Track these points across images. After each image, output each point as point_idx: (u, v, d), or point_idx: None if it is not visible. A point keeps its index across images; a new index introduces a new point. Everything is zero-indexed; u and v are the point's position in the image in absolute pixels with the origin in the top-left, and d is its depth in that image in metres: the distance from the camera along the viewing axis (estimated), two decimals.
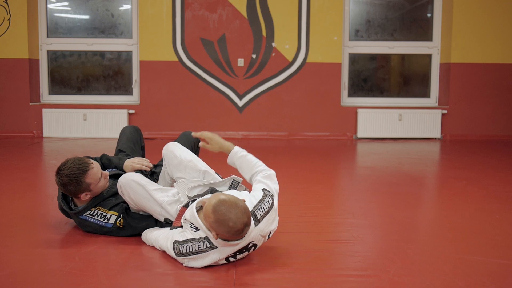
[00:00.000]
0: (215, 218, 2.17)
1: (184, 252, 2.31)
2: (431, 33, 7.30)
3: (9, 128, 6.96)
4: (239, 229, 2.18)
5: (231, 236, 2.20)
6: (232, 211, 2.17)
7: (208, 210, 2.20)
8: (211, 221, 2.19)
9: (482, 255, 2.54)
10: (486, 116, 7.19)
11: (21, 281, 2.18)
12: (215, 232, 2.22)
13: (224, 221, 2.16)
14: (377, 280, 2.24)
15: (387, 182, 4.41)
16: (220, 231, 2.19)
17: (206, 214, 2.21)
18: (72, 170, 2.62)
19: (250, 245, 2.35)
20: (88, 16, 7.22)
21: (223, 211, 2.16)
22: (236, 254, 2.33)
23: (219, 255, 2.29)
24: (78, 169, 2.63)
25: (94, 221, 2.73)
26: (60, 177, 2.63)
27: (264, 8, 6.98)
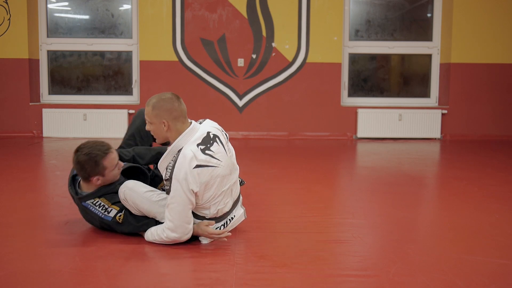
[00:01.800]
0: (151, 105, 2.58)
1: (169, 175, 2.50)
2: (431, 33, 7.30)
3: (9, 128, 6.96)
4: (169, 95, 2.62)
5: (170, 105, 2.58)
6: (158, 95, 2.64)
7: (146, 111, 2.61)
8: (151, 110, 2.57)
9: (482, 255, 2.54)
10: (486, 116, 7.19)
11: (21, 281, 2.18)
12: (162, 119, 2.56)
13: (155, 99, 2.59)
14: (377, 280, 2.24)
15: (387, 182, 4.41)
16: (161, 110, 2.56)
17: (148, 115, 2.59)
18: (93, 149, 2.65)
19: (211, 135, 2.62)
20: (88, 16, 7.22)
21: (153, 97, 2.62)
22: (207, 146, 2.57)
23: (188, 148, 2.52)
24: (99, 150, 2.65)
25: (94, 211, 2.72)
26: (79, 155, 2.65)
27: (264, 8, 6.98)
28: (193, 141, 2.57)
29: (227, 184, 2.66)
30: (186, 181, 2.48)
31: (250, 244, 2.67)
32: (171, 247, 2.62)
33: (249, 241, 2.72)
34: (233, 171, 2.71)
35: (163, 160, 2.62)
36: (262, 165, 5.03)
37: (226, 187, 2.65)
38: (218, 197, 2.63)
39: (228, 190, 2.68)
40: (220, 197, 2.64)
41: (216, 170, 2.56)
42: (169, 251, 2.58)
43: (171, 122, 2.58)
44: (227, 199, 2.69)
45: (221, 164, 2.59)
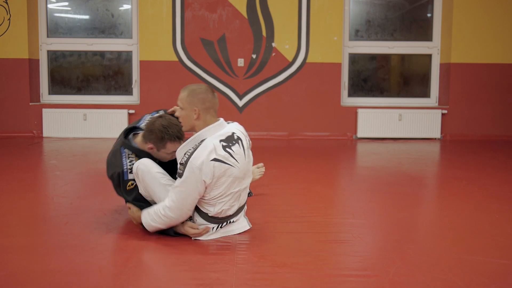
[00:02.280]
0: (187, 91, 2.66)
1: (186, 160, 2.53)
2: (431, 33, 7.30)
3: (9, 128, 6.96)
4: (207, 88, 2.67)
5: (206, 96, 2.64)
6: (195, 84, 2.73)
7: (180, 96, 2.67)
8: (186, 97, 2.64)
9: (482, 255, 2.54)
10: (486, 116, 7.19)
11: (21, 281, 2.18)
12: (194, 107, 2.62)
13: (193, 87, 2.67)
14: (377, 280, 2.24)
15: (387, 182, 4.41)
16: (197, 100, 2.62)
17: (181, 100, 2.66)
18: (170, 129, 2.79)
19: (235, 136, 2.68)
20: (88, 16, 7.22)
21: (188, 85, 2.71)
22: (229, 144, 2.62)
23: (208, 142, 2.57)
24: (173, 133, 2.79)
25: (123, 161, 2.85)
26: (159, 121, 2.81)
27: (264, 8, 6.98)
28: (217, 135, 2.63)
29: (238, 187, 2.68)
30: (200, 170, 2.51)
31: (250, 244, 2.67)
32: (171, 247, 2.62)
33: (249, 241, 2.72)
34: (246, 176, 2.74)
35: (184, 146, 2.65)
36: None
37: (236, 189, 2.67)
38: (226, 197, 2.65)
39: (237, 194, 2.70)
40: (228, 198, 2.66)
41: (231, 170, 2.60)
42: (169, 251, 2.58)
43: (201, 112, 2.64)
44: (233, 202, 2.71)
45: (237, 165, 2.62)
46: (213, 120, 2.67)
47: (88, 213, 3.22)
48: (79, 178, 4.44)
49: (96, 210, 3.29)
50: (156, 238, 2.76)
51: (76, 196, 3.72)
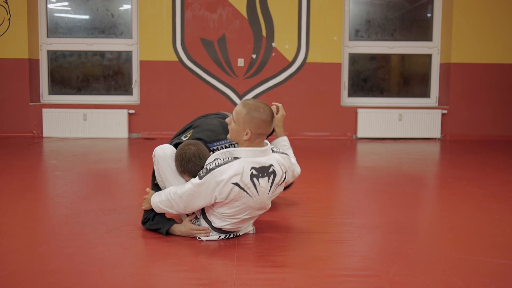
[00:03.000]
0: (247, 109, 2.51)
1: (211, 168, 2.49)
2: (431, 33, 7.30)
3: (9, 128, 6.96)
4: (268, 116, 2.52)
5: (262, 125, 2.51)
6: (259, 102, 2.55)
7: (238, 109, 2.54)
8: (244, 114, 2.51)
9: (482, 255, 2.54)
10: (486, 116, 7.19)
11: (21, 281, 2.18)
12: (248, 129, 2.50)
13: (255, 108, 2.51)
14: (377, 280, 2.24)
15: (387, 182, 4.41)
16: (253, 123, 2.50)
17: (237, 114, 2.53)
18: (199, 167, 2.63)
19: (271, 169, 2.56)
20: (88, 16, 7.22)
21: (252, 102, 2.55)
22: (259, 175, 2.52)
23: (240, 163, 2.48)
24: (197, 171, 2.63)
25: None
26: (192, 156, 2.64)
27: (264, 8, 6.98)
28: (252, 161, 2.52)
29: (249, 215, 2.65)
30: (217, 185, 2.47)
31: (250, 244, 2.67)
32: (171, 247, 2.62)
33: (249, 241, 2.72)
34: (262, 209, 2.69)
35: (217, 153, 2.59)
36: None
37: (247, 217, 2.65)
38: (234, 218, 2.63)
39: (247, 219, 2.69)
40: (235, 220, 2.64)
41: (247, 198, 2.54)
42: (169, 251, 2.58)
43: (253, 135, 2.53)
44: (240, 224, 2.70)
45: (256, 197, 2.56)
46: (259, 145, 2.57)
47: (88, 213, 3.22)
48: (79, 178, 4.44)
49: (96, 210, 3.28)
50: (156, 238, 2.76)
51: (76, 196, 3.72)
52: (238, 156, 2.51)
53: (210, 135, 2.87)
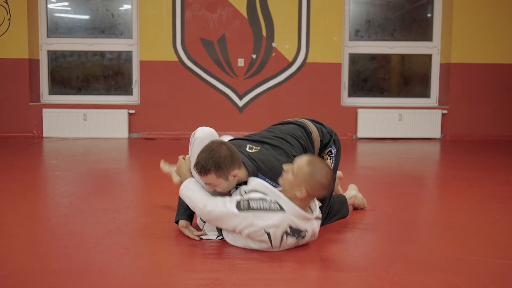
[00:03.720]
0: (311, 169, 2.41)
1: (254, 207, 2.41)
2: (431, 33, 7.30)
3: (9, 128, 6.96)
4: (329, 182, 2.44)
5: (319, 188, 2.43)
6: (324, 165, 2.47)
7: (301, 165, 2.43)
8: (306, 174, 2.40)
9: (482, 255, 2.54)
10: (486, 116, 7.19)
11: (21, 281, 2.18)
12: (304, 188, 2.41)
13: (319, 171, 2.42)
14: (377, 280, 2.24)
15: (387, 182, 4.41)
16: (311, 184, 2.41)
17: (299, 170, 2.42)
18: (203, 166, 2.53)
19: (303, 234, 2.51)
20: (88, 16, 7.22)
21: (318, 162, 2.45)
22: (290, 234, 2.46)
23: (283, 217, 2.41)
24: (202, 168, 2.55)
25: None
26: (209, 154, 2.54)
27: (264, 8, 6.98)
28: (293, 220, 2.44)
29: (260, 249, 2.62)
30: (251, 227, 2.42)
31: None
32: (171, 247, 2.62)
33: None
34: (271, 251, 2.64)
35: (264, 187, 2.50)
36: None
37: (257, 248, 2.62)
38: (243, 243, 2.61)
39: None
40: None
41: (267, 246, 2.50)
42: (169, 251, 2.58)
43: (308, 197, 2.45)
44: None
45: (276, 248, 2.51)
46: (306, 206, 2.50)
47: (88, 213, 3.22)
48: (79, 178, 4.44)
49: (96, 210, 3.28)
50: (156, 238, 2.76)
51: (76, 196, 3.72)
52: (284, 208, 2.42)
53: (266, 170, 2.65)
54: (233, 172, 2.54)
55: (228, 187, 2.59)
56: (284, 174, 2.49)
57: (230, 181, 2.57)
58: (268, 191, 2.49)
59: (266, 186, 2.51)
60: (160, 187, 3.98)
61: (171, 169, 3.36)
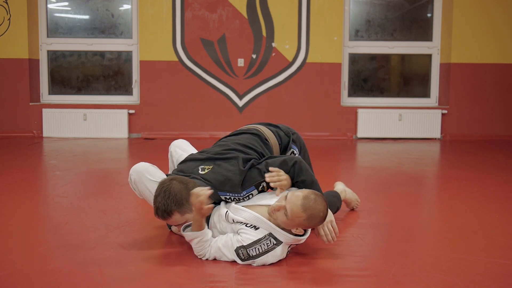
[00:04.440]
0: (307, 215, 2.29)
1: (254, 255, 2.35)
2: (431, 33, 7.30)
3: (9, 128, 6.96)
4: (325, 214, 2.36)
5: (318, 224, 2.37)
6: (318, 200, 2.32)
7: (296, 211, 2.28)
8: (302, 220, 2.30)
9: (482, 255, 2.54)
10: (486, 116, 7.19)
11: (21, 281, 2.18)
12: (301, 228, 2.34)
13: (316, 214, 2.31)
14: (377, 280, 2.24)
15: (387, 182, 4.41)
16: (312, 223, 2.34)
17: (295, 215, 2.29)
18: (162, 210, 2.43)
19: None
20: (88, 16, 7.22)
21: (313, 206, 2.30)
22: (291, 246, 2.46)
23: (283, 248, 2.39)
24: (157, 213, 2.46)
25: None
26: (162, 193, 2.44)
27: (264, 8, 6.98)
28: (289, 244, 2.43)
29: None
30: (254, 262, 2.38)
31: None
32: (171, 247, 2.62)
33: None
34: None
35: (259, 223, 2.40)
36: None
37: None
38: None
39: None
40: None
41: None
42: (169, 250, 2.58)
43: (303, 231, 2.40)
44: None
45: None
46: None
47: (88, 213, 3.22)
48: (79, 178, 4.44)
49: (96, 210, 3.28)
50: (156, 238, 2.76)
51: (76, 196, 3.72)
52: (281, 240, 2.37)
53: (222, 185, 2.54)
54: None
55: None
56: (275, 212, 2.34)
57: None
58: (261, 223, 2.38)
59: (258, 218, 2.39)
60: None
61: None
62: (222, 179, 2.55)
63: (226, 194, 2.55)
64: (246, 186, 2.56)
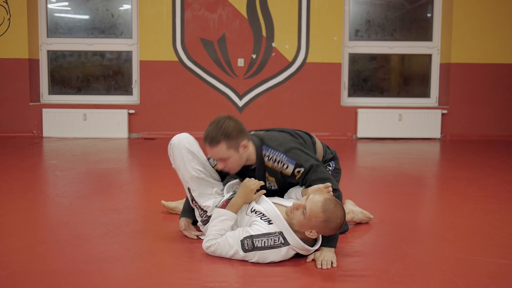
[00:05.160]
0: (325, 217, 2.27)
1: (259, 246, 2.35)
2: (431, 33, 7.30)
3: (9, 128, 6.96)
4: (341, 225, 2.33)
5: (330, 232, 2.35)
6: (339, 207, 2.31)
7: (316, 211, 2.27)
8: (319, 221, 2.28)
9: (482, 255, 2.54)
10: (486, 116, 7.19)
11: (21, 281, 2.18)
12: (315, 231, 2.32)
13: (333, 219, 2.28)
14: (377, 280, 2.24)
15: (387, 182, 4.41)
16: (324, 230, 2.31)
17: (313, 215, 2.28)
18: (209, 133, 2.58)
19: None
20: (88, 16, 7.22)
21: (332, 209, 2.28)
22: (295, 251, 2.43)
23: (288, 251, 2.38)
24: (206, 136, 2.59)
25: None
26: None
27: (264, 8, 6.98)
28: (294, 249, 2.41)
29: None
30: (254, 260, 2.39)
31: None
32: (171, 247, 2.62)
33: None
34: None
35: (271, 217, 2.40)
36: None
37: None
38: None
39: None
40: None
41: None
42: (169, 251, 2.58)
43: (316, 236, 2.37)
44: None
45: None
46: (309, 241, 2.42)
47: (88, 213, 3.22)
48: (79, 178, 4.44)
49: (96, 210, 3.28)
50: (156, 238, 2.76)
51: (76, 196, 3.72)
52: (288, 242, 2.36)
53: (270, 141, 2.63)
54: (242, 143, 2.54)
55: (239, 161, 2.58)
56: (294, 211, 2.35)
57: (241, 154, 2.56)
58: (276, 219, 2.39)
59: (276, 214, 2.40)
60: (160, 187, 3.98)
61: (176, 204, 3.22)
62: (272, 137, 2.66)
63: (269, 149, 2.61)
64: (289, 155, 2.58)
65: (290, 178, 2.61)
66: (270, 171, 2.65)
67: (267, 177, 2.68)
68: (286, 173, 2.60)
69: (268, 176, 2.67)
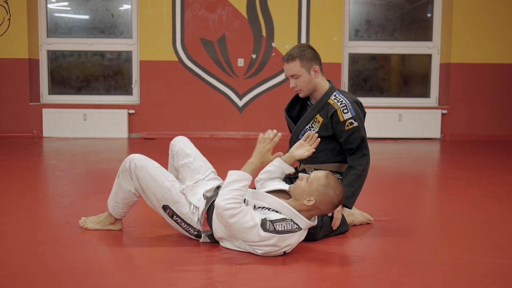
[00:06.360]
0: (327, 182, 2.42)
1: (280, 230, 2.39)
2: (431, 33, 7.30)
3: (9, 128, 6.96)
4: (338, 202, 2.46)
5: (328, 203, 2.43)
6: (339, 185, 2.47)
7: (319, 176, 2.44)
8: (320, 184, 2.41)
9: (482, 255, 2.54)
10: (486, 116, 7.19)
11: (21, 281, 2.18)
12: (314, 198, 2.41)
13: (334, 188, 2.42)
14: (377, 280, 2.24)
15: (387, 182, 4.41)
16: (322, 196, 2.41)
17: (315, 178, 2.43)
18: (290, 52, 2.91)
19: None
20: (88, 16, 7.22)
21: (334, 180, 2.45)
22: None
23: (300, 236, 2.46)
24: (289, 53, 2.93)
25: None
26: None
27: (264, 8, 6.98)
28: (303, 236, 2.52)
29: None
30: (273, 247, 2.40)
31: None
32: (171, 247, 2.62)
33: None
34: None
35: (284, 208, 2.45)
36: None
37: None
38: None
39: None
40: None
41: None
42: (169, 251, 2.58)
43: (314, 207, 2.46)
44: None
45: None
46: (311, 217, 2.49)
47: (88, 213, 3.21)
48: (79, 178, 4.44)
49: (96, 210, 3.28)
50: (156, 238, 2.76)
51: (76, 196, 3.72)
52: (301, 227, 2.43)
53: (342, 91, 3.00)
54: (314, 67, 2.86)
55: (308, 83, 2.88)
56: (298, 181, 2.48)
57: (311, 77, 2.87)
58: (283, 209, 2.43)
59: (281, 204, 2.44)
60: None
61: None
62: (345, 93, 2.98)
63: (339, 94, 2.93)
64: (353, 107, 2.86)
65: (337, 125, 2.82)
66: (325, 111, 2.87)
67: (317, 117, 2.89)
68: (340, 117, 2.82)
69: (318, 116, 2.89)
